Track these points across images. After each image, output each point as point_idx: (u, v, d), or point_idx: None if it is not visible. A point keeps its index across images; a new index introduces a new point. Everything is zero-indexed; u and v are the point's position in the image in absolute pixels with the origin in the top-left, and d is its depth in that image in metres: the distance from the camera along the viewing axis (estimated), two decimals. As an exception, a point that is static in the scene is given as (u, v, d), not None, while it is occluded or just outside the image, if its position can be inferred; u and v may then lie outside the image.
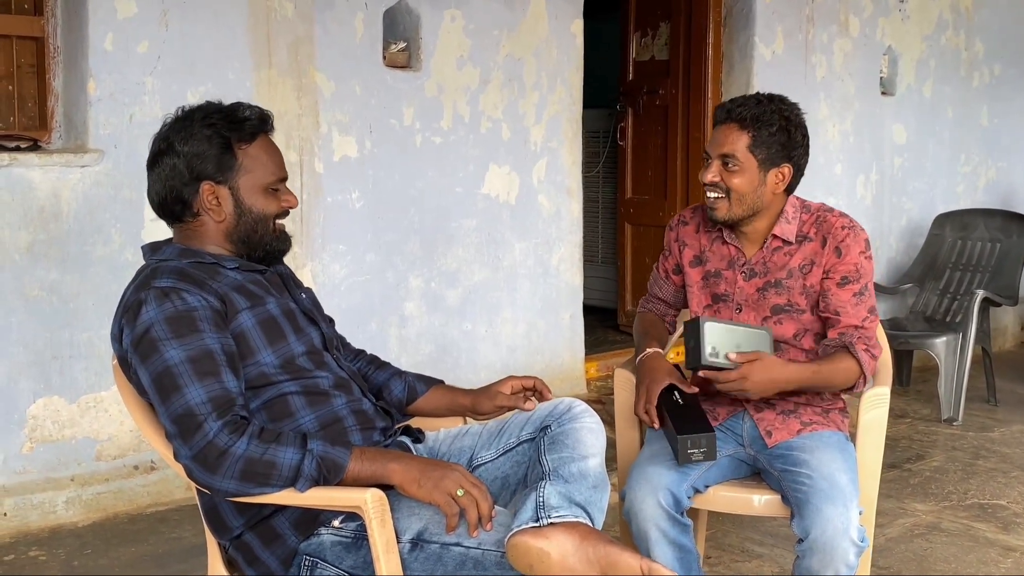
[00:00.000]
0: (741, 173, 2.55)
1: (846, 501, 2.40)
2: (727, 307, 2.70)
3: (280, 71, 3.92)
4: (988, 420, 5.16)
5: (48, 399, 3.52)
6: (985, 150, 6.77)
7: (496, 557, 1.95)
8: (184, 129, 2.13)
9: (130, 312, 2.04)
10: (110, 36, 3.55)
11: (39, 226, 3.47)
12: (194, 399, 1.95)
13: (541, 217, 4.73)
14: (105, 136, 3.57)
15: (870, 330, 2.59)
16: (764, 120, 2.53)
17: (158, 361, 1.98)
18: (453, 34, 4.34)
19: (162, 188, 2.15)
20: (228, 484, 1.94)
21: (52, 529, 3.45)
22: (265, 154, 2.18)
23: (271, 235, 2.20)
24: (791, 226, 2.65)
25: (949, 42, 6.45)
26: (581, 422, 2.21)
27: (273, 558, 2.09)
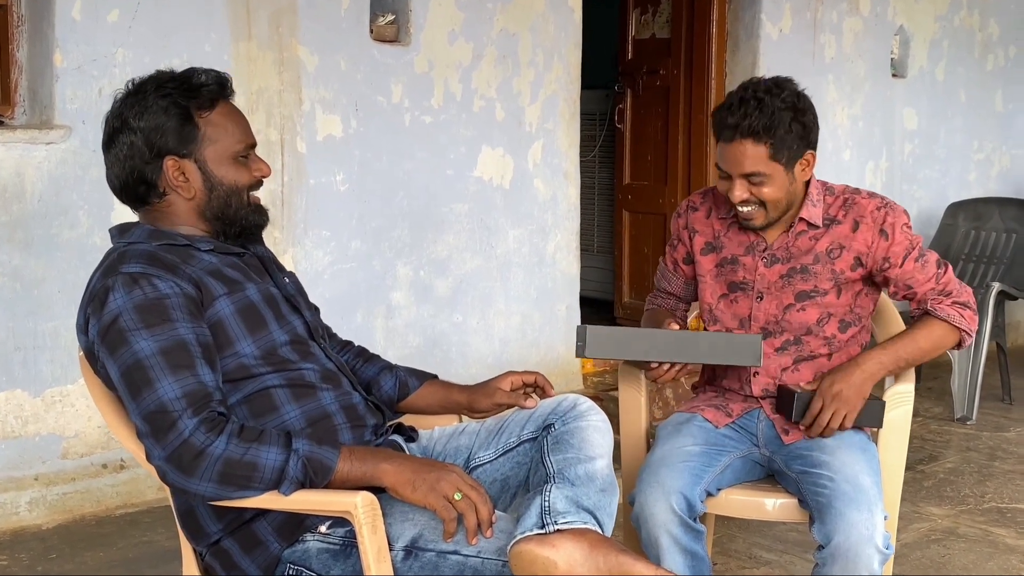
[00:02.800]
0: (771, 183, 2.48)
1: (871, 505, 2.34)
2: (746, 296, 2.64)
3: (260, 44, 3.86)
4: (1003, 419, 5.15)
5: (10, 392, 3.47)
6: (1000, 136, 6.78)
7: (497, 567, 1.89)
8: (138, 103, 2.03)
9: (96, 300, 1.96)
10: (78, 4, 3.49)
11: (1, 207, 3.41)
12: (167, 394, 1.87)
13: (536, 202, 4.70)
14: (72, 111, 3.52)
15: (947, 284, 2.57)
16: (776, 123, 2.44)
17: (127, 353, 1.90)
18: (444, 7, 4.30)
19: (122, 170, 2.06)
20: (206, 487, 1.86)
21: (14, 532, 3.39)
22: (229, 121, 2.09)
23: (246, 208, 2.12)
24: (817, 209, 2.59)
25: (963, 22, 6.44)
26: (587, 420, 2.14)
27: (254, 566, 2.02)
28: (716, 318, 2.70)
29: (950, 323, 2.53)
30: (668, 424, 2.71)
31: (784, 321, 2.60)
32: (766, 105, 2.43)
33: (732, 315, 2.67)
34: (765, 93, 2.46)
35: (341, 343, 2.43)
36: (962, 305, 2.55)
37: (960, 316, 2.54)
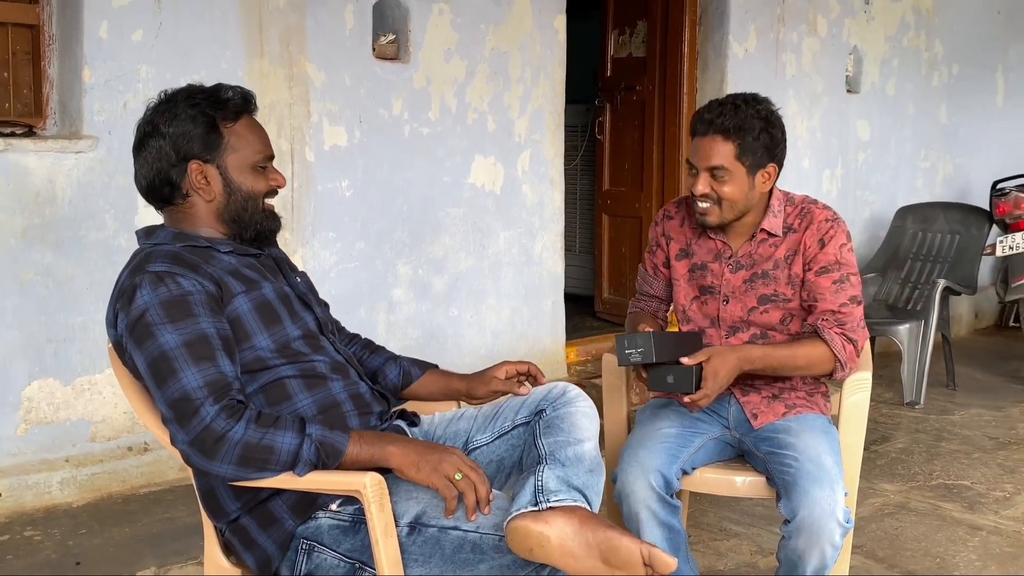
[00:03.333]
0: (731, 182, 2.47)
1: (832, 483, 2.34)
2: (714, 299, 2.64)
3: (272, 61, 3.82)
4: (948, 404, 5.17)
5: (43, 381, 3.42)
6: (944, 146, 6.78)
7: (494, 541, 1.87)
8: (168, 111, 2.04)
9: (125, 297, 1.95)
10: (105, 24, 3.44)
11: (34, 211, 3.36)
12: (190, 383, 1.85)
13: (525, 207, 4.66)
14: (100, 123, 3.47)
15: (847, 315, 2.50)
16: (747, 127, 2.44)
17: (153, 346, 1.89)
18: (441, 27, 4.26)
19: (150, 171, 2.05)
20: (226, 469, 1.85)
21: (47, 509, 3.35)
22: (251, 132, 2.09)
23: (261, 214, 2.11)
24: (778, 219, 2.58)
25: (911, 43, 6.44)
26: (576, 406, 2.13)
27: (270, 542, 2.00)
28: (689, 318, 2.69)
29: (832, 349, 2.47)
30: (647, 408, 2.70)
31: (749, 320, 2.59)
32: (741, 110, 2.45)
33: (703, 315, 2.66)
34: (743, 102, 2.48)
35: (349, 336, 2.41)
36: (849, 340, 2.49)
37: (842, 347, 2.48)
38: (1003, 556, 3.34)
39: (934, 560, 3.31)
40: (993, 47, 7.05)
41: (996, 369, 5.89)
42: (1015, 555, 3.35)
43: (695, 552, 3.33)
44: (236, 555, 2.08)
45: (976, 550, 3.39)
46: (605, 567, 1.78)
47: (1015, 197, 5.30)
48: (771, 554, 3.34)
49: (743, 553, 3.36)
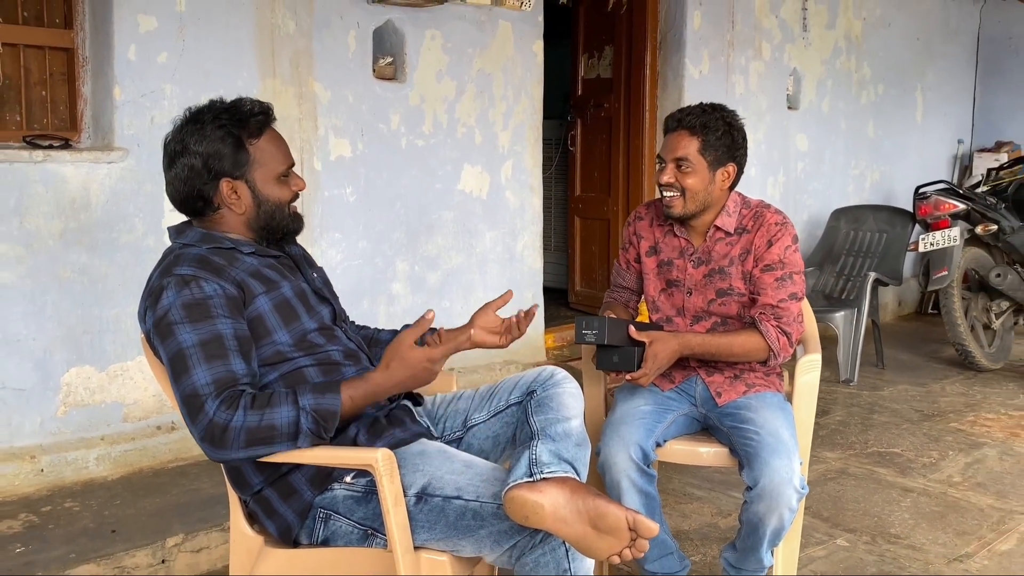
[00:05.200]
0: (694, 173, 2.45)
1: (789, 454, 2.32)
2: (679, 291, 2.60)
3: (283, 81, 3.73)
4: (878, 381, 5.15)
5: (80, 368, 3.34)
6: (871, 156, 6.76)
7: (493, 508, 1.83)
8: (197, 131, 1.94)
9: (153, 296, 1.89)
10: (133, 47, 3.35)
11: (71, 215, 3.27)
12: (199, 380, 1.79)
13: (508, 210, 4.60)
14: (129, 136, 3.38)
15: (785, 310, 2.46)
16: (711, 126, 2.44)
17: (173, 343, 1.83)
18: (433, 51, 4.18)
19: (183, 187, 1.97)
20: (239, 454, 1.80)
21: (84, 483, 3.27)
22: (273, 146, 2.01)
23: (288, 218, 2.04)
24: (732, 219, 2.54)
25: (843, 66, 6.41)
26: (563, 387, 2.08)
27: (290, 511, 1.95)
28: (658, 308, 2.65)
29: (766, 340, 2.44)
30: (624, 388, 2.65)
31: (710, 311, 2.56)
32: (708, 113, 2.46)
33: (671, 305, 2.62)
34: (711, 107, 2.49)
35: (356, 325, 2.35)
36: (784, 332, 2.45)
37: (777, 339, 2.44)
38: (932, 515, 3.33)
39: (872, 519, 3.29)
40: (913, 70, 7.04)
41: (919, 350, 5.89)
42: (942, 514, 3.34)
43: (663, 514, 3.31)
44: (259, 523, 2.02)
45: (908, 510, 3.37)
46: (594, 531, 1.74)
47: (935, 200, 5.29)
48: (730, 515, 3.32)
49: (705, 515, 3.33)
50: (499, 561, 1.87)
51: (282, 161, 2.01)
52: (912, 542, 3.10)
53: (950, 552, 3.04)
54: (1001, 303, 5.45)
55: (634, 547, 1.74)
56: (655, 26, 5.36)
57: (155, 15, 3.37)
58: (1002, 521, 3.28)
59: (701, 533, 3.18)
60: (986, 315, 5.46)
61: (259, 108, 1.99)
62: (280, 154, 2.01)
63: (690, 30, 5.29)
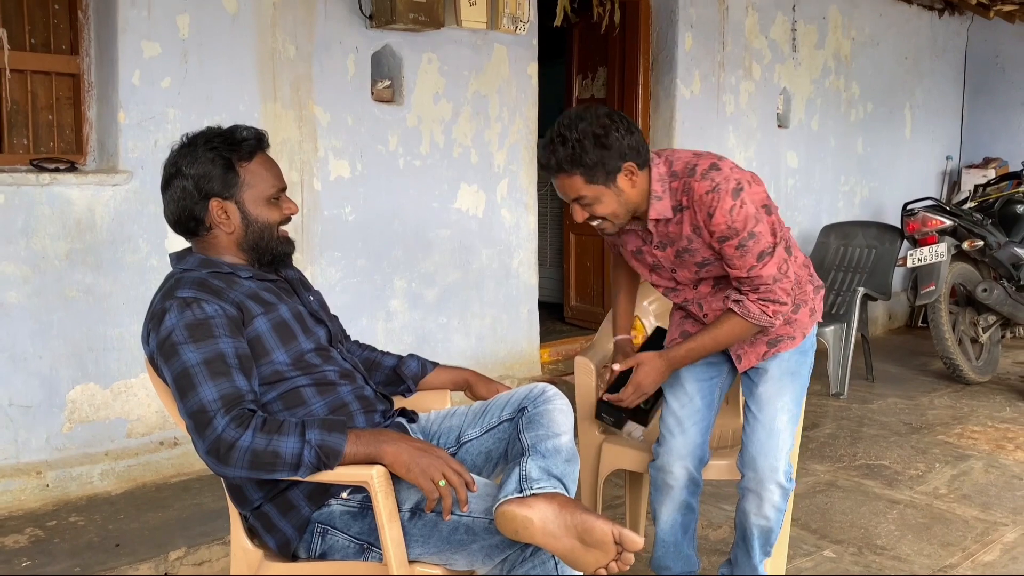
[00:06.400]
0: (598, 202, 2.22)
1: (777, 450, 2.33)
2: (664, 270, 2.44)
3: (284, 104, 3.79)
4: (868, 394, 5.18)
5: (85, 386, 3.38)
6: (860, 173, 6.81)
7: (484, 523, 1.86)
8: (190, 154, 1.99)
9: (156, 319, 1.92)
10: (137, 73, 3.41)
11: (76, 236, 3.32)
12: (206, 396, 1.82)
13: (504, 228, 4.65)
14: (133, 159, 3.43)
15: (758, 277, 2.24)
16: (577, 155, 2.15)
17: (177, 362, 1.86)
18: (430, 74, 4.24)
19: (176, 208, 2.02)
20: (240, 472, 1.82)
21: (89, 498, 3.32)
22: (264, 169, 2.04)
23: (276, 240, 2.07)
24: (664, 201, 2.27)
25: (832, 85, 6.47)
26: (553, 404, 2.11)
27: (289, 526, 1.98)
28: (657, 284, 2.51)
29: (749, 321, 2.28)
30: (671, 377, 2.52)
31: (702, 277, 2.39)
32: (567, 140, 2.16)
33: (666, 279, 2.47)
34: (567, 129, 2.18)
35: (359, 344, 2.39)
36: (766, 301, 2.26)
37: (760, 313, 2.26)
38: (918, 526, 3.36)
39: (859, 531, 3.32)
40: (902, 88, 7.10)
41: (908, 363, 5.93)
42: (928, 525, 3.38)
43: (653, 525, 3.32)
44: (259, 538, 2.06)
45: (895, 521, 3.40)
46: (581, 546, 1.78)
47: (923, 216, 5.33)
48: (720, 527, 3.35)
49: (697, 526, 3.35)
50: (491, 573, 1.91)
51: (272, 184, 2.04)
52: (898, 553, 3.13)
53: (935, 563, 3.07)
54: (988, 317, 5.49)
55: (620, 560, 1.78)
56: (647, 48, 5.42)
57: (159, 41, 3.43)
58: (986, 532, 3.32)
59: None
60: (973, 329, 5.50)
61: (252, 134, 2.04)
62: (271, 177, 2.05)
63: (681, 51, 5.36)
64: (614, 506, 3.40)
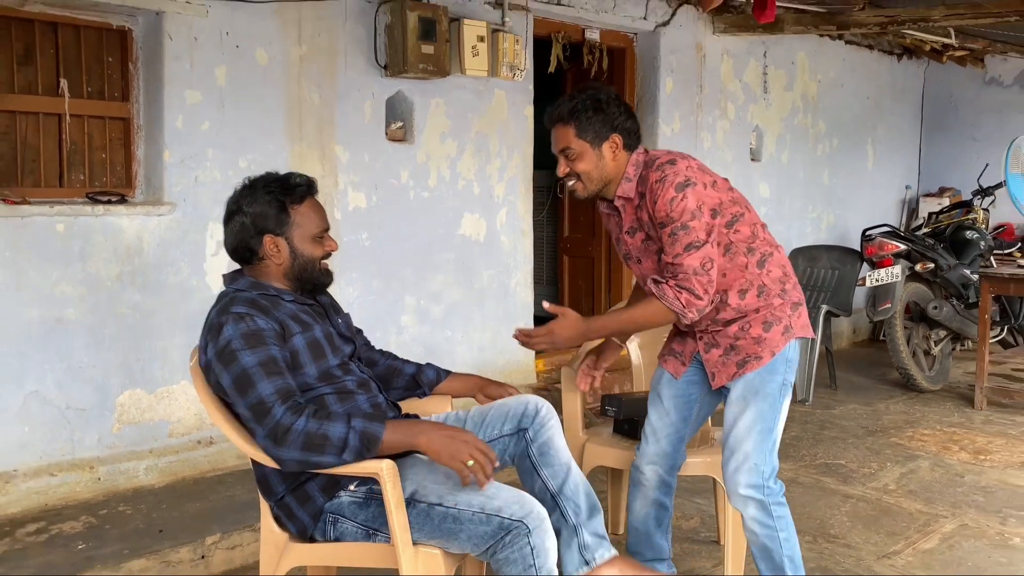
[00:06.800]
0: (580, 158, 2.27)
1: (738, 466, 2.30)
2: (632, 262, 2.43)
3: (308, 144, 3.92)
4: (831, 400, 5.27)
5: (132, 391, 3.49)
6: (826, 202, 6.89)
7: (470, 515, 1.97)
8: (250, 195, 2.13)
9: (213, 331, 2.04)
10: (181, 117, 3.54)
11: (126, 260, 3.44)
12: (265, 391, 1.94)
13: (503, 251, 4.74)
14: (176, 192, 3.55)
15: (679, 266, 2.18)
16: (579, 109, 2.25)
17: (236, 366, 1.97)
18: (437, 116, 4.36)
19: (235, 240, 2.15)
20: (293, 454, 1.93)
21: (135, 490, 3.42)
22: (312, 211, 2.16)
23: (318, 272, 2.19)
24: (631, 184, 2.28)
25: (800, 122, 6.57)
26: (549, 426, 2.26)
27: (306, 515, 2.10)
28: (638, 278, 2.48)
29: (663, 303, 2.21)
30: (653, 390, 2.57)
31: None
32: (575, 99, 2.29)
33: (639, 274, 2.44)
34: (578, 91, 2.31)
35: (382, 352, 2.50)
36: (681, 288, 2.19)
37: (675, 298, 2.19)
38: (867, 518, 3.46)
39: (815, 521, 3.42)
40: (864, 125, 7.20)
41: (868, 373, 6.01)
42: (876, 517, 3.48)
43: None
44: (282, 525, 2.18)
45: (847, 513, 3.51)
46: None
47: (879, 241, 5.45)
48: (692, 518, 3.45)
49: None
50: (480, 556, 2.03)
51: (318, 224, 2.17)
52: (848, 541, 3.24)
53: (880, 550, 3.18)
54: (939, 332, 5.60)
55: None
56: (632, 90, 5.54)
57: (200, 90, 3.57)
58: (927, 523, 3.42)
59: (666, 534, 3.32)
60: (926, 343, 5.60)
61: (303, 181, 2.17)
62: (317, 219, 2.17)
63: (663, 94, 5.48)
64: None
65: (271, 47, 3.75)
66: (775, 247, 2.39)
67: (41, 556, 2.83)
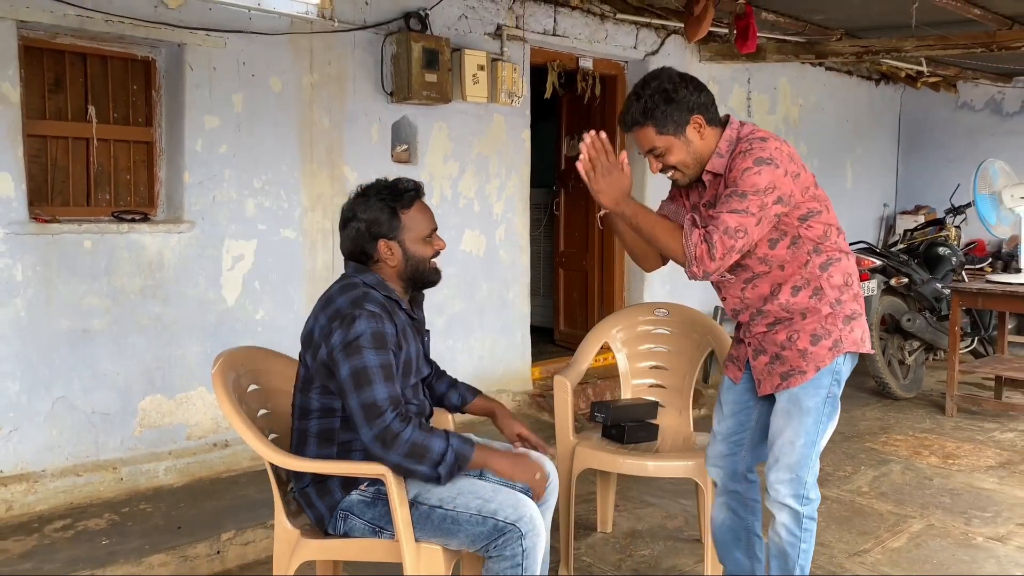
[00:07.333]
0: (670, 152, 2.18)
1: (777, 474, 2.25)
2: None
3: (319, 164, 3.99)
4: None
5: (153, 397, 3.56)
6: (808, 218, 6.96)
7: (467, 517, 2.04)
8: (364, 202, 2.14)
9: (345, 320, 2.02)
10: (200, 141, 3.61)
11: (148, 274, 3.51)
12: (380, 395, 1.99)
13: (501, 266, 4.80)
14: (196, 211, 3.62)
15: (717, 218, 2.08)
16: (649, 108, 2.14)
17: (359, 361, 2.00)
18: (440, 139, 4.43)
19: (351, 244, 2.16)
20: (396, 458, 1.99)
21: (155, 489, 3.47)
22: (420, 214, 2.17)
23: (428, 271, 2.21)
24: (723, 159, 2.17)
25: (782, 144, 6.63)
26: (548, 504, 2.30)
27: (323, 506, 2.17)
28: None
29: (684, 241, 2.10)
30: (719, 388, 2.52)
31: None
32: (641, 96, 2.16)
33: None
34: (641, 87, 2.18)
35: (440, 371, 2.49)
36: (705, 240, 2.08)
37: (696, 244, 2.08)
38: (840, 518, 3.52)
39: (791, 521, 3.49)
40: (844, 146, 7.28)
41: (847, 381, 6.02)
42: (849, 517, 3.54)
43: (620, 517, 3.49)
44: (297, 515, 2.24)
45: (822, 514, 3.48)
46: None
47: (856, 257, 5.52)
48: (676, 518, 3.51)
49: (656, 518, 3.52)
50: (478, 552, 2.10)
51: (427, 226, 2.18)
52: (821, 540, 3.28)
53: (851, 548, 3.25)
54: (913, 343, 5.68)
55: None
56: (624, 114, 5.63)
57: (218, 115, 3.66)
58: (897, 524, 3.49)
59: (651, 532, 3.38)
60: (901, 353, 5.68)
61: (412, 185, 2.18)
62: (425, 220, 2.18)
63: (652, 118, 5.56)
64: (587, 500, 3.57)
65: (284, 75, 3.84)
66: (845, 253, 2.26)
67: (67, 551, 2.89)
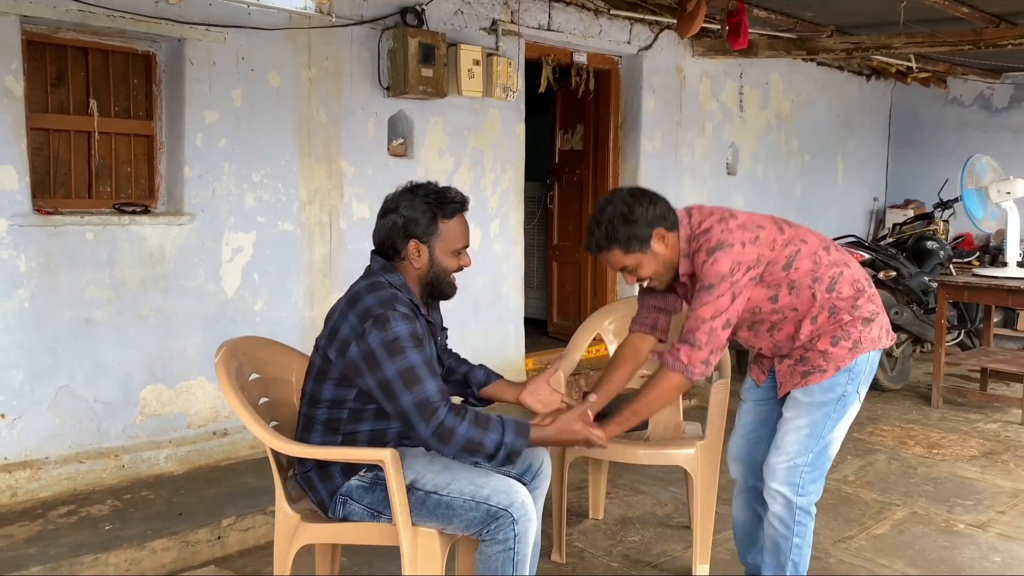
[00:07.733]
0: (640, 267, 2.28)
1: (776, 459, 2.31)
2: None
3: (316, 159, 4.02)
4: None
5: (154, 386, 3.59)
6: (799, 213, 6.94)
7: (461, 502, 2.10)
8: (410, 199, 2.13)
9: (379, 321, 2.01)
10: (200, 135, 3.65)
11: (149, 266, 3.55)
12: (430, 391, 2.00)
13: (496, 259, 4.83)
14: (195, 204, 3.65)
15: (691, 317, 2.20)
16: (611, 234, 2.22)
17: (404, 360, 1.99)
18: (436, 134, 4.46)
19: (383, 235, 2.16)
20: (452, 452, 2.03)
21: (156, 476, 3.51)
22: (458, 227, 2.17)
23: (447, 283, 2.22)
24: (688, 259, 2.29)
25: (774, 139, 6.70)
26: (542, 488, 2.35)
27: (324, 489, 2.22)
28: None
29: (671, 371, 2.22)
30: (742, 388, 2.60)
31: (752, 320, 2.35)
32: (601, 223, 2.24)
33: None
34: (599, 213, 2.25)
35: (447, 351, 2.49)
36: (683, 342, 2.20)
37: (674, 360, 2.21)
38: (826, 506, 3.57)
39: (778, 509, 3.56)
40: (834, 141, 7.33)
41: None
42: (835, 505, 3.61)
43: (612, 504, 3.55)
44: (298, 500, 2.29)
45: None
46: None
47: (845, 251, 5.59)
48: (666, 505, 3.58)
49: (647, 505, 3.59)
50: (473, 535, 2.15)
51: (460, 241, 2.18)
52: (807, 527, 3.39)
53: (836, 535, 3.32)
54: (900, 335, 5.74)
55: None
56: (617, 109, 5.68)
57: (218, 110, 3.69)
58: (881, 511, 3.57)
59: (642, 519, 3.45)
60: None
61: (460, 198, 2.17)
62: (460, 235, 2.17)
63: (645, 113, 5.62)
64: (579, 487, 3.64)
65: (283, 70, 3.87)
66: (844, 264, 2.33)
67: (71, 536, 2.94)
